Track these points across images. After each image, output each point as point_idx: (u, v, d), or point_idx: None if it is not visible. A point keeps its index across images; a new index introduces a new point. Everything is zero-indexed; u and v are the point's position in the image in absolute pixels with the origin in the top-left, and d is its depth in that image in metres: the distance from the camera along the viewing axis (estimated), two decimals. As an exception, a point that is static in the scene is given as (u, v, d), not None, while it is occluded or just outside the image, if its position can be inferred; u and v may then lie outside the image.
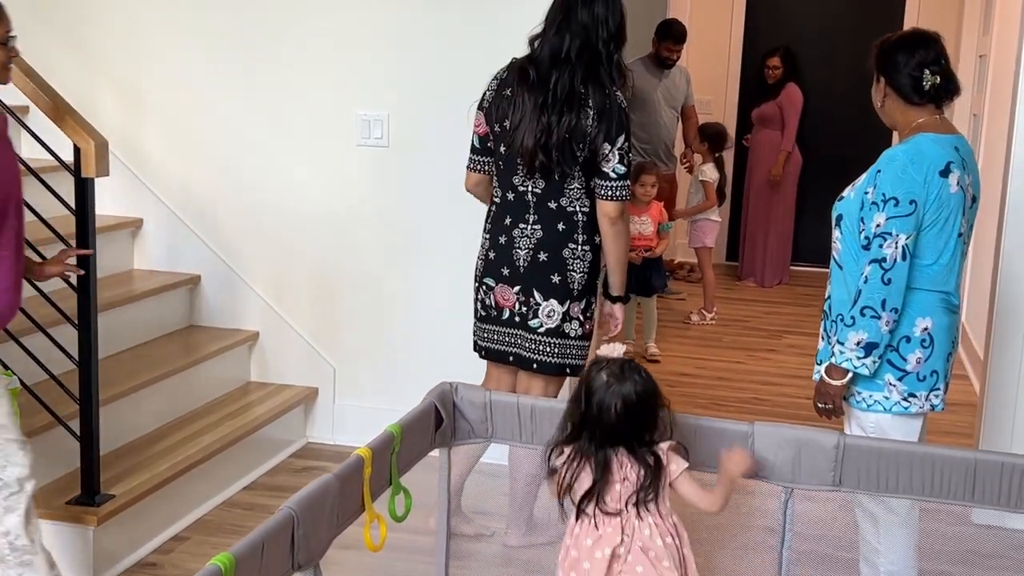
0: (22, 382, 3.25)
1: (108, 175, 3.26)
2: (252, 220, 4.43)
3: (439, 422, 2.60)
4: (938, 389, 2.76)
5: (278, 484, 4.01)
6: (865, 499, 2.80)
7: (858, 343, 2.69)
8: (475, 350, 3.45)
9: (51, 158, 3.39)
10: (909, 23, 7.99)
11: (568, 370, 3.32)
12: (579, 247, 3.23)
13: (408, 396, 2.86)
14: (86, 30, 4.46)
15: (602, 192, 3.18)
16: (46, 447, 3.32)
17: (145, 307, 4.25)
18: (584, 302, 3.28)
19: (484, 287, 3.35)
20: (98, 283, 3.39)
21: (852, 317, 2.70)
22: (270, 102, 4.36)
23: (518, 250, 3.26)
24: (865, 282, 2.68)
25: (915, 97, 2.76)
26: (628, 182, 3.18)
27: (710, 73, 8.17)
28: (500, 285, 3.30)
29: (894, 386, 2.74)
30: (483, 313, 3.38)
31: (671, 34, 6.52)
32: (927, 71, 2.74)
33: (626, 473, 2.34)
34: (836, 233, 2.84)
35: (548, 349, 3.27)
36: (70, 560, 3.19)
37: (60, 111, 3.21)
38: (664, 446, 2.38)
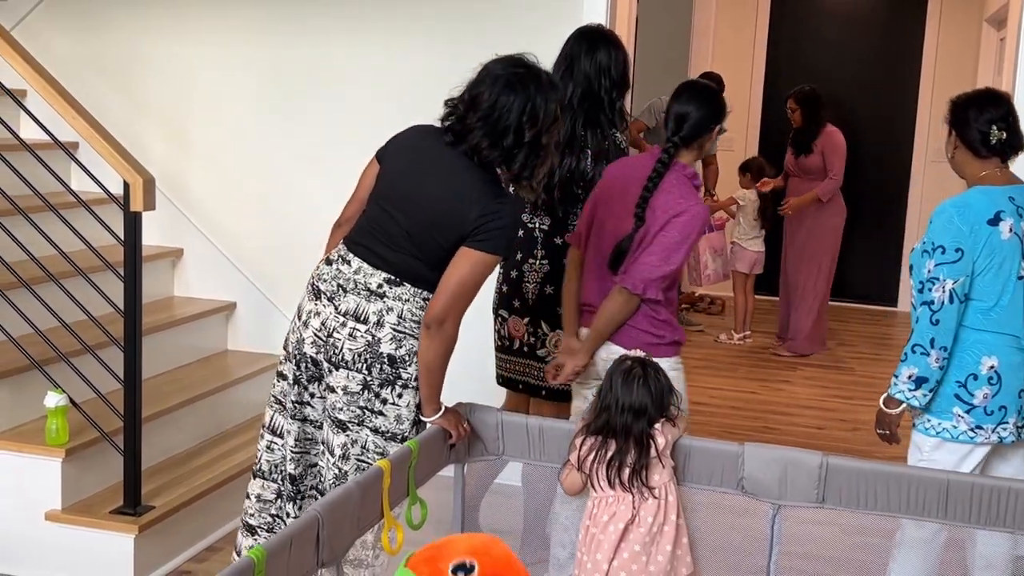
0: (71, 399, 3.51)
1: (154, 209, 3.50)
2: (285, 252, 4.68)
3: (454, 439, 2.82)
4: (1006, 423, 2.91)
5: (306, 501, 4.22)
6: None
7: (909, 377, 2.90)
8: (496, 379, 3.67)
9: (100, 191, 3.66)
10: (928, 65, 8.20)
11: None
12: None
13: (428, 417, 3.06)
14: (136, 74, 4.75)
15: None
16: (92, 460, 3.56)
17: (184, 332, 4.49)
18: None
19: (499, 318, 3.57)
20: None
21: (905, 353, 2.91)
22: (306, 143, 4.62)
23: (527, 284, 3.47)
24: (917, 322, 2.90)
25: (982, 151, 2.94)
26: None
27: (731, 111, 8.34)
28: (512, 317, 3.51)
29: (962, 418, 2.91)
30: (499, 343, 3.60)
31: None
32: (995, 127, 2.92)
33: (630, 452, 2.60)
34: (911, 281, 3.04)
35: None
36: (112, 566, 3.42)
37: (111, 149, 3.45)
38: (658, 426, 2.63)
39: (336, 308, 2.70)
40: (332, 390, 2.72)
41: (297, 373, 2.78)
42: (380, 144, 4.45)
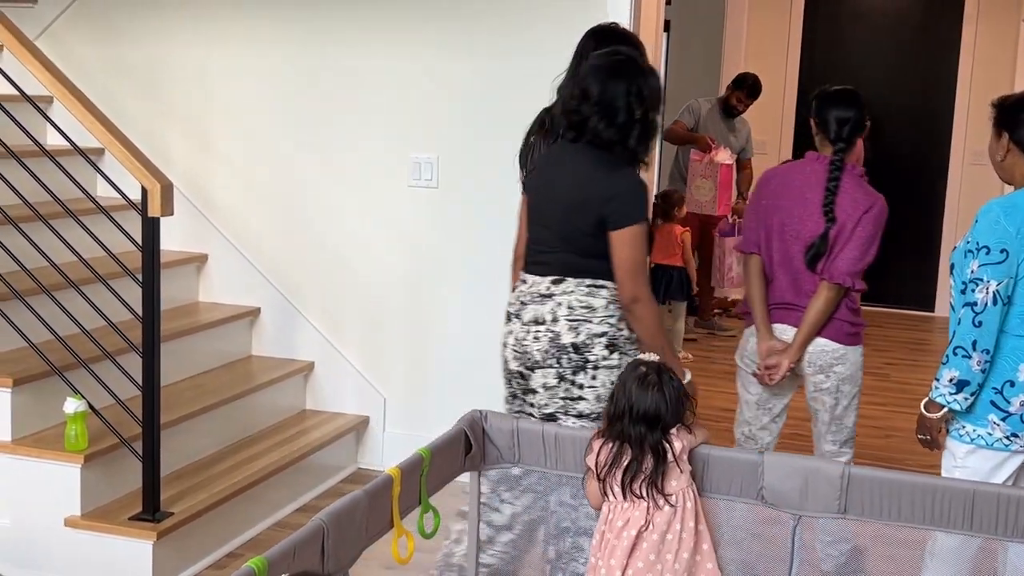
0: (90, 405, 3.52)
1: (173, 215, 3.49)
2: (309, 256, 4.67)
3: (469, 447, 2.78)
4: None
5: (329, 507, 4.20)
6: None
7: (951, 380, 2.82)
8: None
9: (122, 198, 3.66)
10: (964, 66, 8.07)
11: None
12: None
13: (455, 426, 3.03)
14: (161, 81, 4.76)
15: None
16: (111, 466, 3.57)
17: (208, 337, 4.49)
18: None
19: None
20: (165, 314, 3.64)
21: (947, 356, 2.84)
22: (327, 146, 4.61)
23: None
24: (959, 324, 2.82)
25: None
26: None
27: (765, 113, 8.26)
28: None
29: (997, 425, 2.84)
30: None
31: (743, 86, 6.81)
32: None
33: (646, 461, 2.55)
34: (950, 281, 2.98)
35: None
36: (130, 572, 3.42)
37: (129, 155, 3.45)
38: (674, 431, 2.58)
39: (522, 321, 3.02)
40: (534, 392, 2.99)
41: (513, 389, 3.09)
42: (404, 147, 4.49)
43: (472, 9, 4.35)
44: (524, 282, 3.05)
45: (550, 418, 2.99)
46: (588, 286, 2.94)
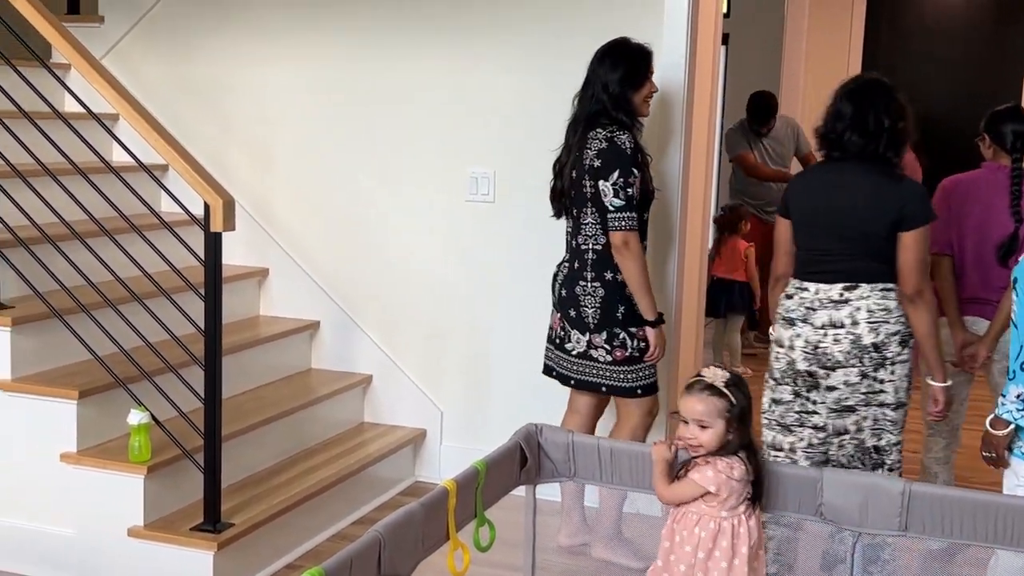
0: (154, 417, 3.58)
1: (234, 230, 3.53)
2: (368, 271, 4.71)
3: (524, 461, 2.78)
4: None
5: (386, 520, 4.22)
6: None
7: (1018, 396, 2.78)
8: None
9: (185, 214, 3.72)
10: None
11: (603, 389, 3.69)
12: (588, 284, 3.61)
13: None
14: (224, 98, 4.84)
15: (608, 225, 3.54)
16: (173, 477, 3.62)
17: (269, 350, 4.55)
18: (605, 333, 3.61)
19: (552, 310, 3.83)
20: (227, 328, 3.69)
21: (1013, 371, 2.79)
22: (386, 161, 4.66)
23: (557, 283, 3.74)
24: None
25: None
26: (628, 213, 3.51)
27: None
28: (553, 309, 3.78)
29: None
30: (548, 333, 3.85)
31: (749, 111, 6.82)
32: None
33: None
34: (1013, 296, 2.94)
35: (581, 368, 3.71)
36: (192, 582, 3.47)
37: (192, 171, 3.51)
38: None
39: (812, 325, 3.28)
40: (832, 388, 3.26)
41: (796, 389, 3.34)
42: (461, 162, 4.51)
43: (530, 24, 4.36)
44: (806, 290, 3.31)
45: (849, 409, 3.25)
46: (882, 290, 3.24)
